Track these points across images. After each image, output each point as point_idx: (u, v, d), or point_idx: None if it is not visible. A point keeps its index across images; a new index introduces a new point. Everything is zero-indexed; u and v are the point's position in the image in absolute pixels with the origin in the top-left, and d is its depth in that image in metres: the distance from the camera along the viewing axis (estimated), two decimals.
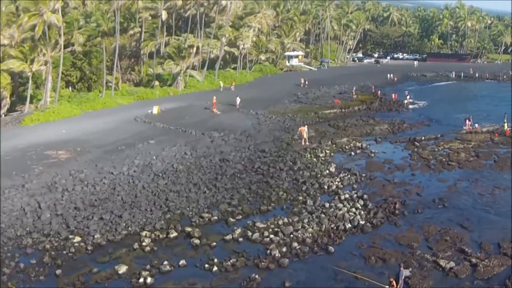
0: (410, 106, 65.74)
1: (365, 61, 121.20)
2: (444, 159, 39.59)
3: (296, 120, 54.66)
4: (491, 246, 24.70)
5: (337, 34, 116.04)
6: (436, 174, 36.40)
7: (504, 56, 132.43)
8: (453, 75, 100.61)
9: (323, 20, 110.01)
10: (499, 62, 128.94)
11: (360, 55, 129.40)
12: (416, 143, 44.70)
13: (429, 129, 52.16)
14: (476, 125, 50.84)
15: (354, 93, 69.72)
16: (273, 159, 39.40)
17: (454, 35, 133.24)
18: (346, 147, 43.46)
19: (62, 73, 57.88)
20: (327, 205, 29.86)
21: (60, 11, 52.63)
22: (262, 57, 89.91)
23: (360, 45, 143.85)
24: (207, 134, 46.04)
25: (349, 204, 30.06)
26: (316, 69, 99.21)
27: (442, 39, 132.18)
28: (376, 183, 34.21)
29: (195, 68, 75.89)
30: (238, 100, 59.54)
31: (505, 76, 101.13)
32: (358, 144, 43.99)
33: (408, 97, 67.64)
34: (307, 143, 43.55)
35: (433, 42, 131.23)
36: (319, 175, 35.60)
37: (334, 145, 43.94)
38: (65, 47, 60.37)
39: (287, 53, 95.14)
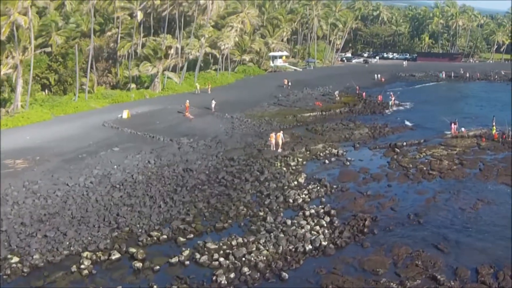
0: (395, 108, 62.70)
1: (354, 61, 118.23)
2: (425, 168, 36.50)
3: (273, 124, 51.66)
4: (468, 272, 21.57)
5: (325, 33, 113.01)
6: (415, 185, 33.29)
7: (496, 55, 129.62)
8: (443, 75, 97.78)
9: (311, 20, 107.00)
10: (491, 62, 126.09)
11: (348, 55, 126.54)
12: (396, 149, 41.61)
13: (412, 133, 49.10)
14: (463, 129, 47.79)
15: (337, 95, 66.69)
16: (240, 168, 36.33)
17: (445, 34, 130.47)
18: (321, 154, 40.33)
19: (38, 75, 54.96)
20: (289, 222, 26.73)
21: (30, 12, 49.42)
22: (245, 57, 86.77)
23: (350, 44, 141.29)
24: (176, 140, 43.06)
25: (313, 221, 26.92)
26: (301, 70, 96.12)
27: (433, 38, 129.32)
28: (347, 195, 31.08)
29: (175, 69, 72.88)
30: (213, 103, 56.64)
31: (496, 76, 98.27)
32: (334, 151, 40.88)
33: (393, 99, 64.62)
34: (279, 149, 40.40)
35: (423, 41, 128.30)
36: (286, 187, 32.46)
37: (308, 152, 40.81)
38: (44, 48, 58.05)
39: (271, 54, 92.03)
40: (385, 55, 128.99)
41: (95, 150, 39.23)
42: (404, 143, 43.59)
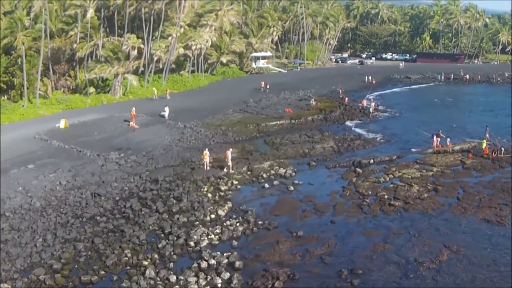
0: (377, 114, 54.92)
1: (349, 62, 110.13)
2: (387, 196, 28.70)
3: (228, 135, 44.69)
4: None
5: (316, 33, 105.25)
6: (367, 221, 25.54)
7: (502, 56, 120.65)
8: (442, 77, 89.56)
9: (302, 18, 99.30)
10: (495, 63, 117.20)
11: (344, 55, 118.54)
12: (358, 169, 33.81)
13: (387, 146, 41.35)
14: (448, 141, 39.90)
15: (313, 101, 59.00)
16: (157, 194, 29.21)
17: (448, 34, 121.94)
18: (265, 174, 32.77)
19: None
20: (173, 278, 19.34)
21: None
22: (223, 59, 79.13)
23: (349, 45, 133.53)
24: (103, 156, 36.56)
25: (206, 278, 19.42)
26: (285, 72, 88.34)
27: (434, 38, 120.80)
28: (271, 236, 23.44)
29: (142, 72, 66.17)
30: (166, 110, 49.85)
31: (499, 79, 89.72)
32: (282, 171, 33.24)
33: (373, 104, 56.81)
34: (231, 170, 33.00)
35: (424, 42, 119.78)
36: (198, 222, 24.96)
37: (249, 172, 33.18)
38: (8, 50, 53.62)
39: (253, 54, 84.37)
40: (383, 55, 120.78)
41: (8, 167, 33.27)
42: (371, 161, 35.82)
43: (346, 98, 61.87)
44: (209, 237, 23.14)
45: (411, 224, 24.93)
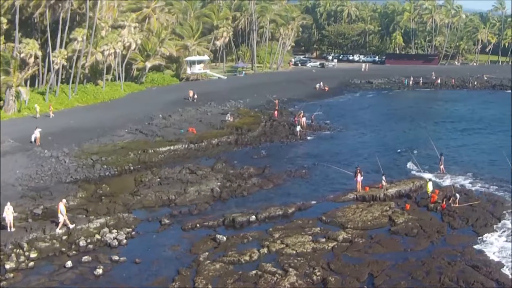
0: (306, 133, 42.44)
1: (309, 65, 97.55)
2: None
3: (96, 167, 33.38)
4: None
5: (270, 33, 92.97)
6: None
7: (482, 56, 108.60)
8: (410, 82, 77.34)
9: (257, 17, 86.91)
10: (474, 64, 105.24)
11: (305, 58, 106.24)
12: (220, 236, 21.34)
13: (295, 187, 29.12)
14: (383, 179, 27.53)
15: (229, 116, 46.56)
16: None
17: (422, 32, 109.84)
18: (84, 241, 21.37)
19: None
20: None
21: None
22: (149, 64, 66.29)
23: (315, 46, 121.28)
24: None
25: None
26: (225, 78, 75.55)
27: (407, 37, 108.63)
28: None
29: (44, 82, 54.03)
30: (36, 133, 37.56)
31: (476, 83, 77.56)
32: (110, 236, 21.25)
33: (303, 119, 44.48)
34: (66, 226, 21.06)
35: (394, 41, 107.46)
36: None
37: (65, 237, 20.84)
38: None
39: (187, 59, 71.59)
40: (350, 57, 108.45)
41: None
42: (253, 217, 23.40)
43: (276, 112, 49.47)
44: None
45: None
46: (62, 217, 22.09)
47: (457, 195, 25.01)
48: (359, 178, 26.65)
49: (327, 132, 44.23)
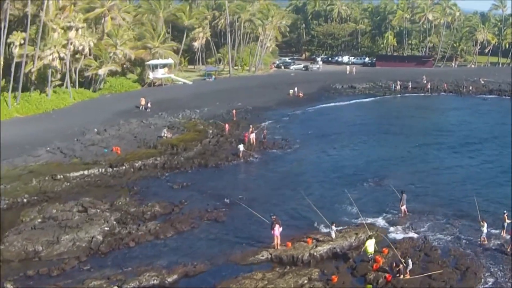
0: (251, 154, 35.43)
1: (292, 67, 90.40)
2: None
3: None
4: None
5: (248, 33, 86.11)
6: None
7: (481, 58, 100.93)
8: (397, 87, 70.10)
9: (237, 18, 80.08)
10: (472, 66, 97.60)
11: (289, 60, 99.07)
12: None
13: (205, 236, 22.13)
14: (334, 229, 20.59)
15: (165, 132, 39.72)
16: None
17: (418, 33, 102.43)
18: None
19: None
20: None
21: None
22: (101, 71, 59.26)
23: (304, 47, 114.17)
24: None
25: None
26: (191, 83, 68.51)
27: (400, 38, 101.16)
28: None
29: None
30: None
31: (471, 87, 70.15)
32: None
33: (252, 136, 37.51)
34: None
35: (386, 41, 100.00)
36: None
37: None
38: None
39: (150, 62, 64.68)
40: (339, 59, 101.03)
41: None
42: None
43: (227, 125, 42.50)
44: None
45: None
46: None
47: (410, 262, 17.93)
48: (277, 230, 19.64)
49: (278, 151, 37.12)
